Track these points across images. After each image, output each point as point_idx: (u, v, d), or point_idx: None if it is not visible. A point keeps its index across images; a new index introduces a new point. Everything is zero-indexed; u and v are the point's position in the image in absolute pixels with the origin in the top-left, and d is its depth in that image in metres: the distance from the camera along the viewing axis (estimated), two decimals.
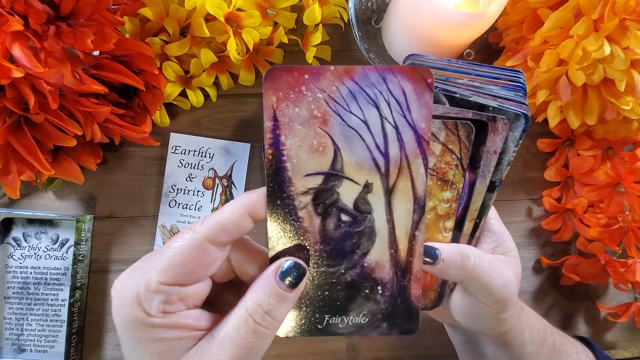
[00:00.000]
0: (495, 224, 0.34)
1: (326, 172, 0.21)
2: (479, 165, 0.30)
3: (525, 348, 0.34)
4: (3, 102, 0.34)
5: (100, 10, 0.34)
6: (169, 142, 0.47)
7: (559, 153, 0.49)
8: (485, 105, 0.29)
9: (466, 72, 0.32)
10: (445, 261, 0.29)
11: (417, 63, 0.32)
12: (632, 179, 0.44)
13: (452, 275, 0.30)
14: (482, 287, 0.30)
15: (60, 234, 0.46)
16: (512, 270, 0.31)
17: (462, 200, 0.31)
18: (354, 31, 0.47)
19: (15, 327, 0.45)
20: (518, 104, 0.29)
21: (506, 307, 0.31)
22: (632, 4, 0.35)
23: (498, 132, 0.29)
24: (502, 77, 0.31)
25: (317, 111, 0.19)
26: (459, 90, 0.29)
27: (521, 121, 0.29)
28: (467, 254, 0.30)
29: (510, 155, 0.30)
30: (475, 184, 0.30)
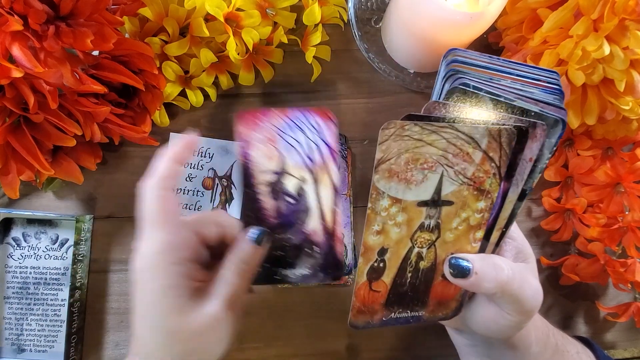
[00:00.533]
0: (514, 231, 0.33)
1: (276, 171, 0.30)
2: (514, 173, 0.28)
3: (531, 349, 0.34)
4: (3, 102, 0.34)
5: (99, 10, 0.34)
6: (169, 142, 0.47)
7: (558, 153, 0.49)
8: (527, 110, 0.27)
9: (507, 71, 0.30)
10: (478, 274, 0.28)
11: (459, 60, 0.30)
12: (631, 178, 0.44)
13: (485, 289, 0.29)
14: (513, 299, 0.29)
15: (59, 234, 0.46)
16: (537, 278, 0.31)
17: (494, 210, 0.29)
18: (354, 31, 0.47)
19: (15, 327, 0.45)
20: (557, 109, 0.28)
21: (531, 317, 0.31)
22: (632, 4, 0.35)
23: (536, 139, 0.27)
24: (541, 79, 0.30)
25: (269, 135, 0.29)
26: (503, 92, 0.28)
27: (559, 127, 0.27)
28: (500, 265, 0.29)
29: (544, 163, 0.29)
30: (507, 193, 0.29)
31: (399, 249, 0.28)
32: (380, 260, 0.28)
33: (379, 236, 0.27)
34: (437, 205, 0.27)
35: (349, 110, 0.49)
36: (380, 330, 0.48)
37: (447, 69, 0.30)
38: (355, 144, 0.48)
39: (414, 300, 0.31)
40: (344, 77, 0.49)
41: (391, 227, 0.27)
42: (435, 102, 0.27)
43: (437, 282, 0.31)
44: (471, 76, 0.29)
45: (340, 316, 0.47)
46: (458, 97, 0.28)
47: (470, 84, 0.28)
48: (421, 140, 0.25)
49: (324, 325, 0.47)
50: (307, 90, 0.48)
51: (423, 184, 0.27)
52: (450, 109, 0.28)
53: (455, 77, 0.29)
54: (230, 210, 0.47)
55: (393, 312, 0.31)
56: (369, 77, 0.49)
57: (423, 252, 0.29)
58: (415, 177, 0.26)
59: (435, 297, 0.31)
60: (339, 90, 0.49)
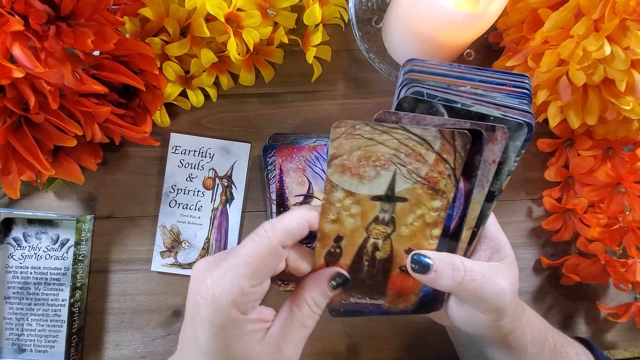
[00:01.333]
0: (492, 231, 0.33)
1: (305, 194, 0.39)
2: (475, 174, 0.29)
3: (527, 350, 0.34)
4: (3, 102, 0.34)
5: (100, 10, 0.34)
6: (169, 142, 0.47)
7: (559, 153, 0.49)
8: (487, 115, 0.28)
9: (469, 78, 0.31)
10: (437, 272, 0.29)
11: (416, 69, 0.31)
12: (632, 179, 0.44)
13: (442, 286, 0.30)
14: (474, 298, 0.30)
15: (60, 234, 0.46)
16: (506, 278, 0.31)
17: (459, 210, 0.30)
18: (354, 31, 0.47)
19: (15, 327, 0.45)
20: (522, 113, 0.28)
21: (502, 315, 0.31)
22: (633, 4, 0.35)
23: (497, 141, 0.28)
24: (507, 83, 0.30)
25: (300, 165, 0.38)
26: (460, 99, 0.28)
27: (523, 130, 0.28)
28: (458, 265, 0.30)
29: (511, 165, 0.29)
30: (471, 193, 0.29)
31: (354, 237, 0.29)
32: (336, 247, 0.30)
33: (334, 224, 0.29)
34: (391, 201, 0.28)
35: (349, 110, 0.49)
36: (380, 330, 0.48)
37: (403, 79, 0.31)
38: None
39: (373, 289, 0.32)
40: (345, 77, 0.49)
41: (346, 217, 0.28)
42: (385, 112, 0.27)
43: (394, 273, 0.31)
44: (426, 84, 0.29)
45: None
46: (410, 105, 0.28)
47: (424, 92, 0.28)
48: (372, 140, 0.27)
49: (324, 325, 0.47)
50: (308, 90, 0.48)
51: (376, 180, 0.28)
52: (402, 117, 0.28)
53: (409, 86, 0.29)
54: (230, 210, 0.47)
55: (352, 296, 0.32)
56: (369, 77, 0.49)
57: (379, 244, 0.30)
58: (368, 173, 0.27)
59: (394, 288, 0.32)
60: (339, 90, 0.49)
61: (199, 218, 0.47)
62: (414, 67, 0.31)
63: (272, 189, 0.45)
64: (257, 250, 0.26)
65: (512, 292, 0.31)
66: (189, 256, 0.46)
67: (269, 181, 0.46)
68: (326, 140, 0.43)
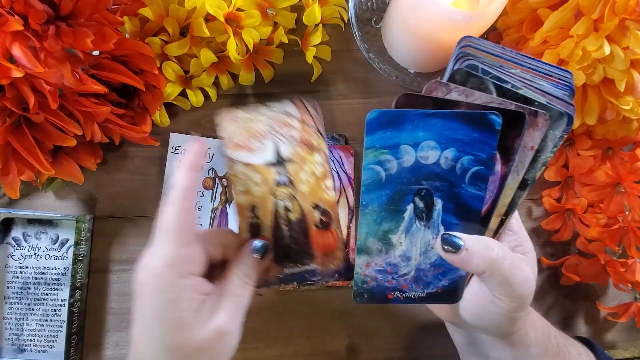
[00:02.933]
0: (515, 224, 0.33)
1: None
2: (512, 158, 0.29)
3: (530, 350, 0.34)
4: (3, 102, 0.34)
5: (100, 10, 0.34)
6: (169, 142, 0.47)
7: (559, 153, 0.49)
8: (532, 99, 0.28)
9: (519, 62, 0.31)
10: (469, 250, 0.29)
11: (472, 45, 0.31)
12: (632, 179, 0.44)
13: (474, 266, 0.29)
14: (503, 281, 0.30)
15: (60, 234, 0.46)
16: (531, 269, 0.31)
17: (492, 193, 0.30)
18: (354, 31, 0.47)
19: (15, 327, 0.45)
20: (565, 104, 0.29)
21: (522, 305, 0.31)
22: (632, 4, 0.35)
23: (538, 128, 0.28)
24: (553, 75, 0.31)
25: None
26: (511, 80, 0.29)
27: (564, 120, 0.28)
28: (492, 245, 0.30)
29: (547, 155, 0.29)
30: (506, 177, 0.30)
31: (265, 203, 0.32)
32: (254, 217, 0.32)
33: (245, 196, 0.32)
34: (282, 164, 0.32)
35: (349, 110, 0.49)
36: (380, 330, 0.48)
37: (459, 52, 0.31)
38: (355, 143, 0.48)
39: (300, 253, 0.33)
40: (344, 77, 0.49)
41: (252, 186, 0.32)
42: (436, 82, 0.29)
43: (313, 232, 0.33)
44: (481, 60, 0.30)
45: (340, 316, 0.47)
46: (462, 78, 0.29)
47: (479, 67, 0.29)
48: (249, 119, 0.32)
49: (324, 325, 0.47)
50: (308, 90, 0.48)
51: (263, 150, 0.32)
52: (452, 90, 0.29)
53: (464, 59, 0.30)
54: (230, 210, 0.47)
55: (286, 267, 0.33)
56: (369, 77, 0.49)
57: (289, 205, 0.33)
58: (255, 145, 0.32)
59: (319, 248, 0.33)
60: (339, 90, 0.49)
61: (199, 218, 0.47)
62: (470, 43, 0.32)
63: None
64: (168, 216, 0.28)
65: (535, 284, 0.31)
66: None
67: None
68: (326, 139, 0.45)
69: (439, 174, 0.29)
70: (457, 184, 0.29)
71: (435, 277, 0.32)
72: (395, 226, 0.31)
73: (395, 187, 0.30)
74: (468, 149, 0.28)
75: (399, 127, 0.28)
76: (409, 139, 0.28)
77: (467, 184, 0.29)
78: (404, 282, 0.32)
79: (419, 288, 0.33)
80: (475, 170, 0.29)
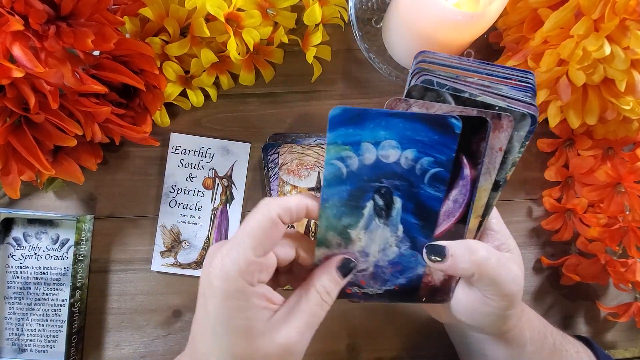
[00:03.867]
0: (496, 223, 0.34)
1: None
2: (480, 161, 0.30)
3: (526, 348, 0.34)
4: (3, 102, 0.34)
5: (100, 10, 0.34)
6: (169, 142, 0.47)
7: (559, 153, 0.49)
8: (492, 105, 0.29)
9: (476, 70, 0.32)
10: (453, 256, 0.30)
11: (427, 60, 0.32)
12: (632, 178, 0.44)
13: (462, 270, 0.30)
14: (491, 281, 0.30)
15: (60, 234, 0.46)
16: (517, 267, 0.32)
17: (465, 197, 0.31)
18: (354, 31, 0.47)
19: (15, 327, 0.45)
20: (526, 105, 0.29)
21: (513, 303, 0.31)
22: (633, 4, 0.35)
23: (503, 129, 0.29)
24: (512, 77, 0.32)
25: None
26: (467, 89, 0.29)
27: (527, 121, 0.29)
28: (476, 247, 0.30)
29: (515, 156, 0.30)
30: (477, 180, 0.30)
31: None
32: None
33: None
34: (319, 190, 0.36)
35: None
36: (380, 330, 0.48)
37: (414, 68, 0.32)
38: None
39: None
40: (345, 77, 0.49)
41: None
42: (396, 98, 0.29)
43: None
44: (436, 74, 0.31)
45: (340, 316, 0.48)
46: (420, 93, 0.30)
47: (434, 81, 0.30)
48: (302, 153, 0.45)
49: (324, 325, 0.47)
50: (308, 90, 0.48)
51: (308, 178, 0.45)
52: (411, 105, 0.30)
53: (420, 75, 0.31)
54: (230, 210, 0.47)
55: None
56: (369, 77, 0.49)
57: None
58: (303, 173, 0.45)
59: None
60: (339, 90, 0.49)
61: (199, 218, 0.47)
62: (425, 58, 0.33)
63: (273, 187, 0.46)
64: (258, 221, 0.27)
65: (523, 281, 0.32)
66: (189, 256, 0.46)
67: (269, 180, 0.46)
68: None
69: (398, 173, 0.29)
70: (416, 184, 0.30)
71: (393, 275, 0.32)
72: (354, 222, 0.31)
73: (356, 184, 0.30)
74: (428, 150, 0.29)
75: (361, 125, 0.28)
76: (370, 137, 0.29)
77: (426, 185, 0.30)
78: (362, 277, 0.32)
79: (377, 285, 0.33)
80: (434, 172, 0.29)
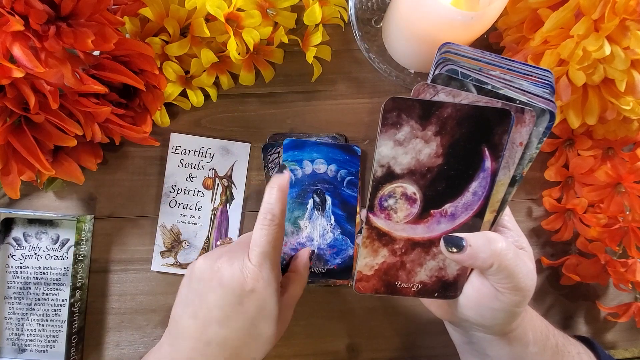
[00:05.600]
0: (509, 221, 0.34)
1: None
2: (501, 154, 0.30)
3: (529, 349, 0.34)
4: (3, 102, 0.34)
5: (100, 11, 0.34)
6: (169, 142, 0.47)
7: (559, 153, 0.49)
8: (513, 98, 0.29)
9: (498, 65, 0.32)
10: (472, 246, 0.30)
11: (452, 51, 0.33)
12: (632, 179, 0.44)
13: (482, 260, 0.30)
14: (509, 273, 0.30)
15: (60, 234, 0.46)
16: (531, 263, 0.32)
17: (484, 189, 0.31)
18: (354, 31, 0.47)
19: (15, 327, 0.45)
20: (546, 101, 0.30)
21: (525, 298, 0.31)
22: (633, 4, 0.35)
23: (525, 124, 0.29)
24: (533, 74, 0.32)
25: None
26: (490, 81, 0.30)
27: (546, 117, 0.29)
28: (495, 238, 0.30)
29: (533, 151, 0.31)
30: (497, 173, 0.30)
31: None
32: None
33: None
34: None
35: (350, 110, 0.49)
36: (380, 330, 0.48)
37: (439, 58, 0.32)
38: (355, 143, 0.48)
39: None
40: (345, 77, 0.49)
41: None
42: (424, 84, 0.30)
43: None
44: (460, 65, 0.31)
45: (340, 316, 0.48)
46: (444, 83, 0.30)
47: (458, 71, 0.30)
48: None
49: (324, 325, 0.47)
50: (308, 90, 0.48)
51: None
52: (439, 91, 0.30)
53: (444, 65, 0.31)
54: (230, 210, 0.47)
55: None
56: (369, 77, 0.49)
57: None
58: None
59: None
60: (339, 90, 0.49)
61: (199, 218, 0.47)
62: (449, 49, 0.33)
63: None
64: (267, 240, 0.33)
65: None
66: (189, 256, 0.46)
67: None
68: (325, 139, 0.47)
69: (327, 179, 0.44)
70: (339, 187, 0.44)
71: (331, 256, 0.43)
72: (302, 214, 0.44)
73: (301, 187, 0.44)
74: (343, 165, 0.45)
75: (302, 149, 0.45)
76: (308, 157, 0.44)
77: (345, 187, 0.44)
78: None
79: (320, 264, 0.43)
80: (349, 179, 0.45)
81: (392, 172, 0.30)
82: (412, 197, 0.30)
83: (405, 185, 0.30)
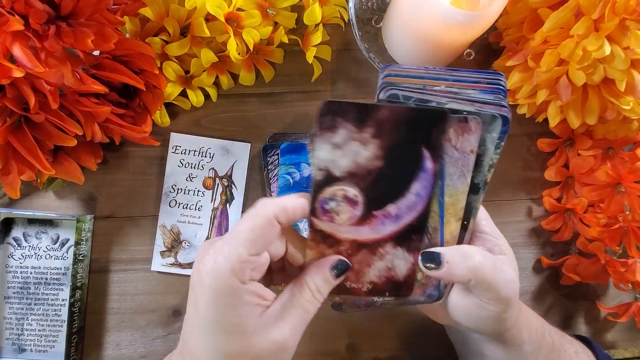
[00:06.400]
0: (486, 225, 0.33)
1: None
2: (440, 154, 0.30)
3: (524, 348, 0.34)
4: (3, 102, 0.34)
5: (100, 10, 0.34)
6: (169, 142, 0.47)
7: (559, 153, 0.49)
8: (459, 110, 0.29)
9: (444, 78, 0.32)
10: (449, 263, 0.29)
11: (393, 74, 0.32)
12: (632, 178, 0.44)
13: (459, 276, 0.30)
14: (487, 286, 0.30)
15: (60, 233, 0.46)
16: (512, 269, 0.32)
17: (427, 190, 0.30)
18: (354, 31, 0.47)
19: (15, 327, 0.45)
20: (496, 107, 0.30)
21: (509, 306, 0.31)
22: (633, 4, 0.35)
23: (472, 132, 0.30)
24: (481, 81, 0.32)
25: None
26: (434, 98, 0.30)
27: (498, 122, 0.29)
28: (470, 252, 0.30)
29: (491, 158, 0.31)
30: (440, 174, 0.30)
31: None
32: None
33: None
34: None
35: None
36: (380, 330, 0.48)
37: (381, 82, 0.32)
38: None
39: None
40: (345, 77, 0.49)
41: None
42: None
43: None
44: (402, 87, 0.31)
45: (340, 316, 0.48)
46: None
47: (399, 95, 0.30)
48: None
49: (324, 325, 0.47)
50: (308, 90, 0.48)
51: None
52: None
53: (387, 90, 0.31)
54: (230, 210, 0.47)
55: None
56: (369, 77, 0.49)
57: None
58: None
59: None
60: (339, 90, 0.49)
61: (199, 218, 0.47)
62: (390, 72, 0.33)
63: (273, 188, 0.46)
64: (253, 220, 0.27)
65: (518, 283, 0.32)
66: (189, 256, 0.46)
67: (269, 181, 0.46)
68: None
69: None
70: None
71: None
72: None
73: (299, 189, 0.44)
74: None
75: (299, 153, 0.45)
76: (305, 160, 0.45)
77: None
78: None
79: None
80: None
81: (332, 175, 0.29)
82: (353, 200, 0.30)
83: (346, 188, 0.30)
